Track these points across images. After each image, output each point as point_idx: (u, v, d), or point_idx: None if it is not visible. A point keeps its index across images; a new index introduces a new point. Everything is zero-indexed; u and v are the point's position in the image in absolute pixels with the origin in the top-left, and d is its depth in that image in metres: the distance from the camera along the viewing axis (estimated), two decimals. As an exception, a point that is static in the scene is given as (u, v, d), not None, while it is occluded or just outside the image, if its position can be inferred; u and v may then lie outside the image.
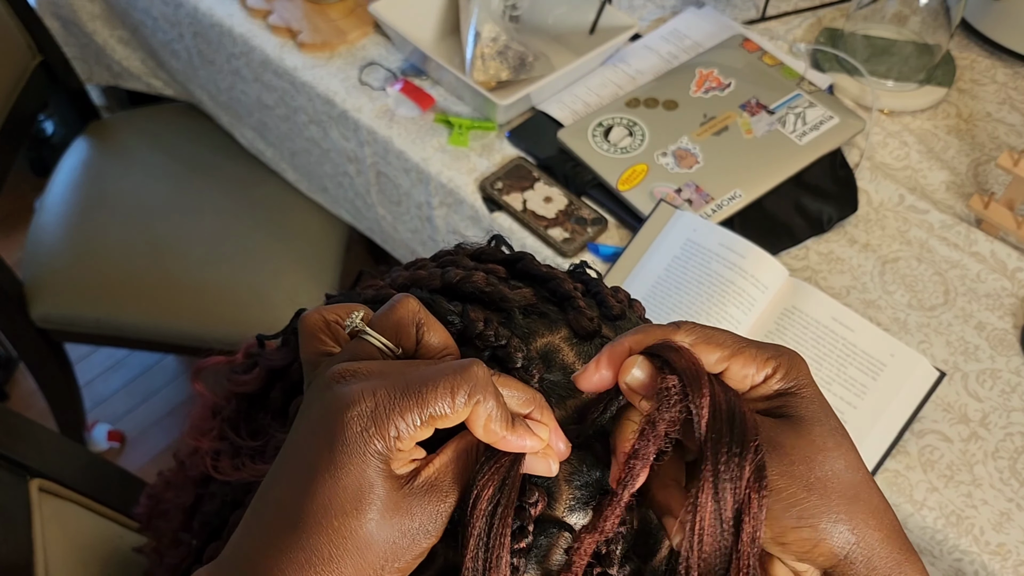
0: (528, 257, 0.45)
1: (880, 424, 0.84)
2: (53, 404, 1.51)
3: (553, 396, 0.39)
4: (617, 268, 0.96)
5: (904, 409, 0.85)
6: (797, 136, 1.04)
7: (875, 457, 0.83)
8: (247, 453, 0.46)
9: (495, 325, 0.40)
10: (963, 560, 0.80)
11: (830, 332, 0.89)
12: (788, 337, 0.89)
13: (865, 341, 0.88)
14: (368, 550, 0.33)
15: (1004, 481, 0.83)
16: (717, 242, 0.93)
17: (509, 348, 0.39)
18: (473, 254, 0.47)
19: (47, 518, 0.67)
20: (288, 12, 1.19)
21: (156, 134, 1.51)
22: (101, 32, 1.45)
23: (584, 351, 0.41)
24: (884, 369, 0.86)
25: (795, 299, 0.91)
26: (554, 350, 0.41)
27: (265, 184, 1.41)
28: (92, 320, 1.32)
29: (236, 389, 0.49)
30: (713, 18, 1.19)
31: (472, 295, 0.42)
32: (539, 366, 0.39)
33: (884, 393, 0.85)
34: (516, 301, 0.42)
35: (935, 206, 1.02)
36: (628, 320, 0.44)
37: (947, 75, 1.13)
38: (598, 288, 0.45)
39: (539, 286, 0.44)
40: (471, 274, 0.43)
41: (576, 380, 0.37)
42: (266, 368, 0.48)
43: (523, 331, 0.41)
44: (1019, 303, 0.94)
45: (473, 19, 1.09)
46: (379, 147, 1.11)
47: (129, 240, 1.36)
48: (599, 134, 1.04)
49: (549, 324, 0.42)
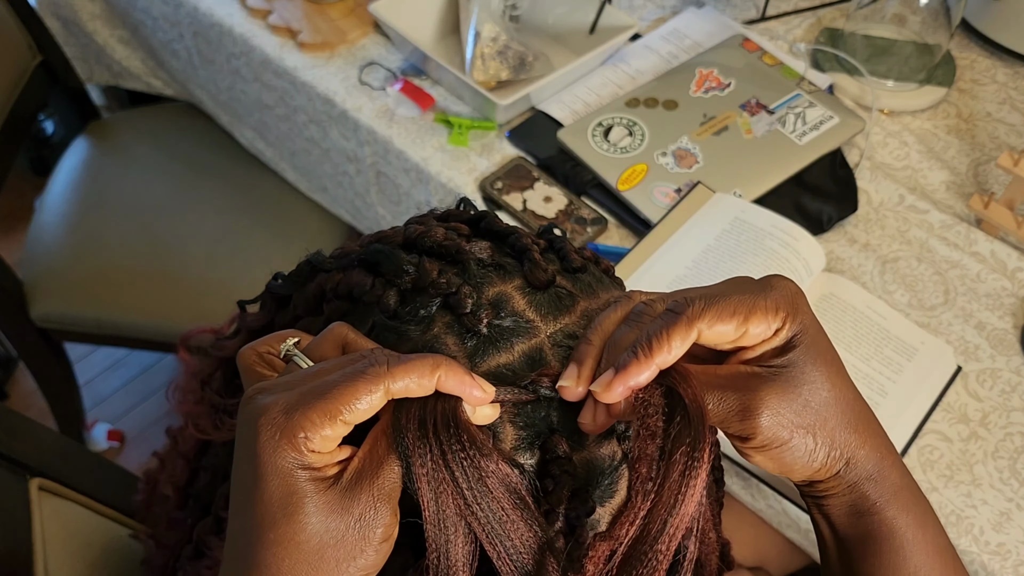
0: (491, 216, 0.47)
1: (912, 405, 0.86)
2: (53, 403, 1.50)
3: (501, 341, 0.40)
4: (645, 244, 0.95)
5: (929, 395, 0.87)
6: (797, 136, 1.04)
7: (905, 438, 0.85)
8: (225, 410, 0.46)
9: (448, 274, 0.41)
10: (963, 560, 0.80)
11: (866, 318, 0.91)
12: (828, 319, 0.91)
13: (897, 328, 0.90)
14: (317, 553, 0.33)
15: (1004, 481, 0.83)
16: (769, 223, 0.94)
17: (459, 295, 0.40)
18: (440, 216, 0.48)
19: (47, 517, 0.67)
20: (288, 12, 1.19)
21: (156, 134, 1.51)
22: (101, 32, 1.45)
23: (536, 300, 0.42)
24: (916, 353, 0.89)
25: (832, 287, 0.93)
26: (506, 298, 0.41)
27: (265, 184, 1.41)
28: (92, 320, 1.32)
29: (220, 354, 0.50)
30: (713, 18, 1.19)
31: (431, 249, 0.43)
32: (488, 311, 0.40)
33: (916, 375, 0.87)
34: (472, 253, 0.43)
35: (935, 206, 1.02)
36: (590, 274, 0.45)
37: (947, 75, 1.13)
38: (561, 244, 0.46)
39: (500, 242, 0.45)
40: (430, 229, 0.44)
41: (561, 391, 0.38)
42: (247, 330, 0.49)
43: (477, 281, 0.42)
44: (1019, 303, 0.94)
45: (473, 19, 1.09)
46: (379, 147, 1.11)
47: (129, 239, 1.36)
48: (599, 134, 1.04)
49: (504, 274, 0.43)
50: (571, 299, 0.42)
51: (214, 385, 0.49)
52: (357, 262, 0.44)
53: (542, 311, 0.41)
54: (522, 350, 0.40)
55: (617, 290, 0.46)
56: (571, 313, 0.42)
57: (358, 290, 0.42)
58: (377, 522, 0.34)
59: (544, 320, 0.41)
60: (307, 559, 0.33)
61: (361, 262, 0.44)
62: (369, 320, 0.42)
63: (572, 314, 0.42)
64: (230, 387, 0.49)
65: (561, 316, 0.42)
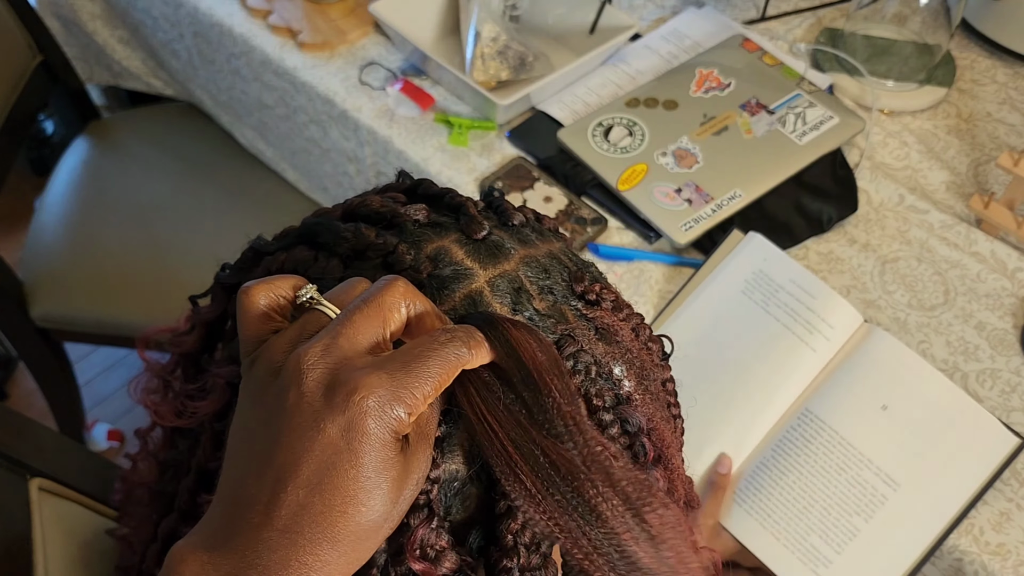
0: (426, 182, 0.48)
1: (945, 484, 0.81)
2: (53, 403, 1.50)
3: (443, 290, 0.41)
4: (682, 296, 0.93)
5: (976, 474, 0.81)
6: (797, 136, 1.04)
7: (941, 523, 0.80)
8: (187, 396, 0.46)
9: (386, 236, 0.42)
10: (963, 560, 0.80)
11: (906, 383, 0.84)
12: (858, 387, 0.85)
13: (938, 395, 0.84)
14: (387, 520, 0.34)
15: (1004, 481, 0.83)
16: (788, 277, 0.90)
17: (397, 253, 0.41)
18: (379, 190, 0.49)
19: (47, 517, 0.67)
20: (288, 12, 1.19)
21: (156, 134, 1.51)
22: (101, 32, 1.45)
23: (474, 249, 0.43)
24: (952, 427, 0.83)
25: (867, 345, 0.87)
26: (444, 251, 0.42)
27: (265, 184, 1.41)
28: (92, 319, 1.32)
29: (177, 350, 0.50)
30: (713, 18, 1.19)
31: (368, 217, 0.45)
32: (427, 264, 0.41)
33: (953, 451, 0.82)
34: (408, 215, 0.44)
35: (935, 206, 1.02)
36: (530, 227, 0.46)
37: (947, 75, 1.13)
38: (500, 203, 0.47)
39: (435, 204, 0.46)
40: (366, 199, 0.45)
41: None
42: (201, 323, 0.49)
43: (414, 239, 0.43)
44: (1019, 303, 0.94)
45: (473, 19, 1.09)
46: (379, 147, 1.11)
47: (129, 239, 1.36)
48: (599, 134, 1.04)
49: (440, 231, 0.43)
50: (510, 247, 0.43)
51: (176, 379, 0.50)
52: (297, 239, 0.45)
53: (480, 259, 0.42)
54: (463, 295, 0.41)
55: (558, 243, 0.47)
56: (510, 260, 0.43)
57: (303, 266, 0.43)
58: (417, 487, 0.36)
59: (483, 266, 0.42)
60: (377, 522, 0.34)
61: (301, 238, 0.45)
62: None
63: (511, 260, 0.43)
64: (190, 379, 0.50)
65: (500, 262, 0.42)
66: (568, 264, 0.45)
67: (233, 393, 0.42)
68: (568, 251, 0.47)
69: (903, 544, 0.79)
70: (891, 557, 0.79)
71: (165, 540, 0.48)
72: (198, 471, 0.45)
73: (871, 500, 0.80)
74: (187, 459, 0.47)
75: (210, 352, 0.50)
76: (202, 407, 0.45)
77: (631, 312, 0.46)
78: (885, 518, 0.80)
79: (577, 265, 0.46)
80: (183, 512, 0.47)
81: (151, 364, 0.52)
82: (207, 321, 0.49)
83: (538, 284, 0.43)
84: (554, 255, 0.45)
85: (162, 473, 0.52)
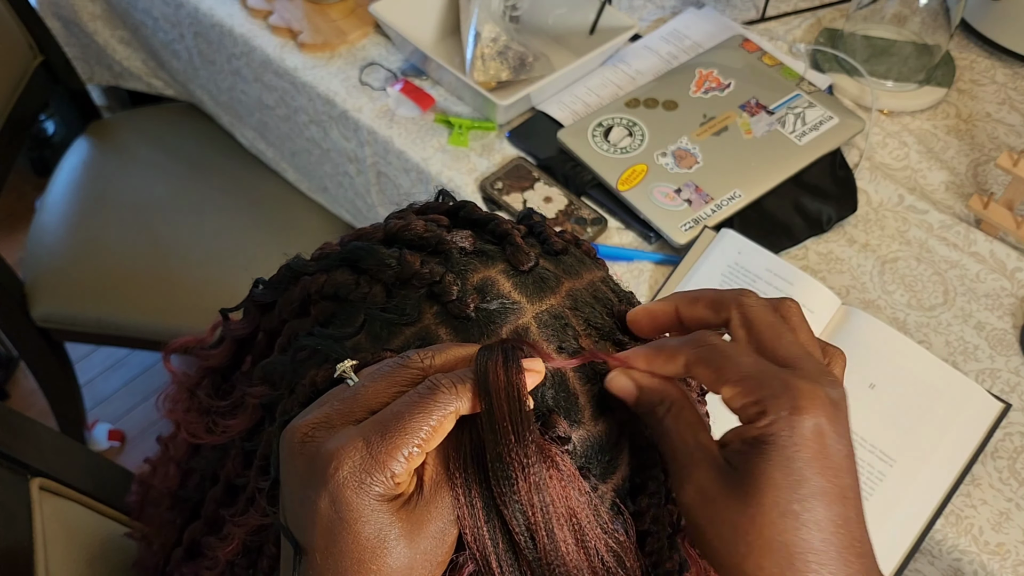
0: (470, 205, 0.47)
1: (939, 455, 0.82)
2: (53, 403, 1.51)
3: (490, 324, 0.40)
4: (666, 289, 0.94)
5: (966, 442, 0.83)
6: (797, 136, 1.04)
7: (940, 492, 0.81)
8: (218, 412, 0.46)
9: (431, 264, 0.41)
10: (962, 560, 0.80)
11: (885, 358, 0.86)
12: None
13: (921, 369, 0.86)
14: (412, 570, 0.34)
15: (1003, 481, 0.83)
16: (764, 266, 0.92)
17: (444, 283, 0.40)
18: (419, 209, 0.48)
19: (48, 517, 0.67)
20: (289, 12, 1.19)
21: (157, 134, 1.51)
22: (102, 32, 1.45)
23: (521, 282, 0.42)
24: (941, 397, 0.84)
25: (848, 326, 0.89)
26: (491, 282, 0.42)
27: (265, 184, 1.41)
28: (93, 319, 1.32)
29: (206, 363, 0.50)
30: (713, 18, 1.19)
31: (412, 242, 0.44)
32: (474, 296, 0.41)
33: (943, 422, 0.83)
34: (453, 243, 0.43)
35: (935, 206, 1.02)
36: (572, 255, 0.46)
37: (947, 75, 1.13)
38: (541, 228, 0.46)
39: (480, 229, 0.45)
40: (410, 223, 0.44)
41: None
42: (231, 339, 0.49)
43: (460, 268, 0.42)
44: (1019, 303, 0.94)
45: (473, 19, 1.09)
46: (379, 147, 1.12)
47: (129, 239, 1.36)
48: (599, 134, 1.04)
49: (486, 260, 0.43)
50: (555, 280, 0.43)
51: (203, 392, 0.49)
52: (339, 262, 0.44)
53: (527, 292, 0.42)
54: (509, 331, 0.40)
55: (600, 271, 0.47)
56: (556, 294, 0.42)
57: (344, 289, 0.42)
58: (454, 519, 0.36)
59: (530, 300, 0.42)
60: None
61: (343, 261, 0.44)
62: (358, 318, 0.42)
63: (557, 294, 0.42)
64: (219, 392, 0.49)
65: (546, 296, 0.42)
66: (610, 296, 0.45)
67: (264, 414, 0.43)
68: (609, 280, 0.47)
69: (905, 518, 0.81)
70: (894, 532, 0.80)
71: (189, 546, 0.49)
72: (226, 484, 0.46)
73: (869, 478, 0.82)
74: (215, 469, 0.47)
75: (238, 367, 0.49)
76: (233, 426, 0.45)
77: None
78: (885, 494, 0.81)
79: (618, 295, 0.46)
80: (209, 521, 0.47)
81: (178, 375, 0.52)
82: (238, 338, 0.49)
83: (584, 319, 0.42)
84: (596, 285, 0.45)
85: (184, 479, 0.52)
